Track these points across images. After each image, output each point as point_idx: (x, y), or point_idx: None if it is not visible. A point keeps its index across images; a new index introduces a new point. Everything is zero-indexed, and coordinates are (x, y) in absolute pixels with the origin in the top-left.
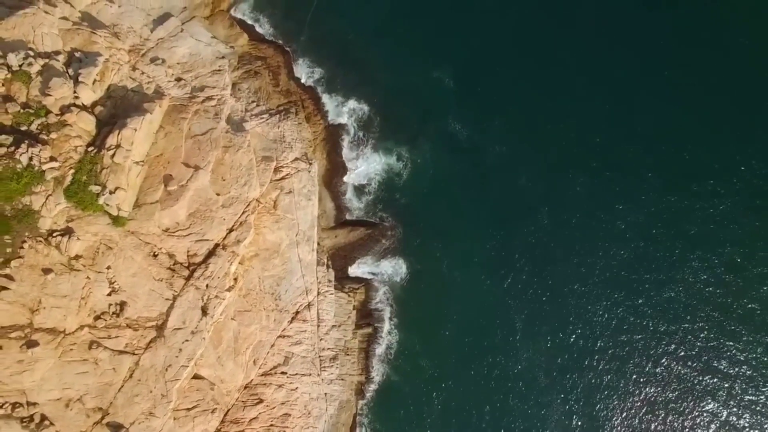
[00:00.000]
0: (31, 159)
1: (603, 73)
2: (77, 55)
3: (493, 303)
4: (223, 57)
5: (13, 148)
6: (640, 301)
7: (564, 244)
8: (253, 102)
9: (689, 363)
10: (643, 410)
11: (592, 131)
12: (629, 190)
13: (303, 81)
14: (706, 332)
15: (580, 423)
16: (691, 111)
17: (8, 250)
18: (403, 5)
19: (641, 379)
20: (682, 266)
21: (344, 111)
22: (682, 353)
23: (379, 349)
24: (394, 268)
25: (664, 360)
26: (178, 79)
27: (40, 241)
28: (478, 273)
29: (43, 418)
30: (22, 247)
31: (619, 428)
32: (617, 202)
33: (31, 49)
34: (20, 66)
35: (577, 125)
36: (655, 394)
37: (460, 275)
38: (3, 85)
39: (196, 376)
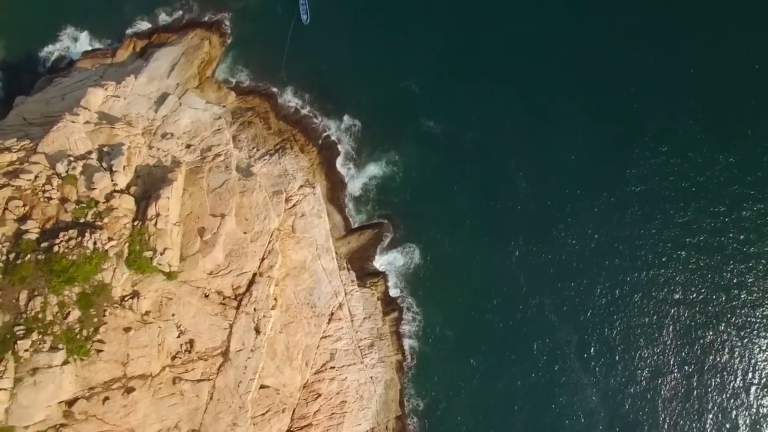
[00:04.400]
0: (95, 243)
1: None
2: (105, 149)
3: (496, 266)
4: (219, 117)
5: (80, 239)
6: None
7: (541, 203)
8: (253, 148)
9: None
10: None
11: (541, 106)
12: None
13: (290, 118)
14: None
15: (593, 349)
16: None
17: (95, 320)
18: (362, 32)
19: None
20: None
21: (331, 134)
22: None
23: (408, 329)
24: (404, 256)
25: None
26: (188, 146)
27: (117, 307)
28: (477, 244)
29: None
30: (104, 315)
31: (625, 362)
32: (584, 158)
33: (70, 155)
34: (67, 171)
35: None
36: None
37: (462, 249)
38: (58, 190)
39: (262, 386)
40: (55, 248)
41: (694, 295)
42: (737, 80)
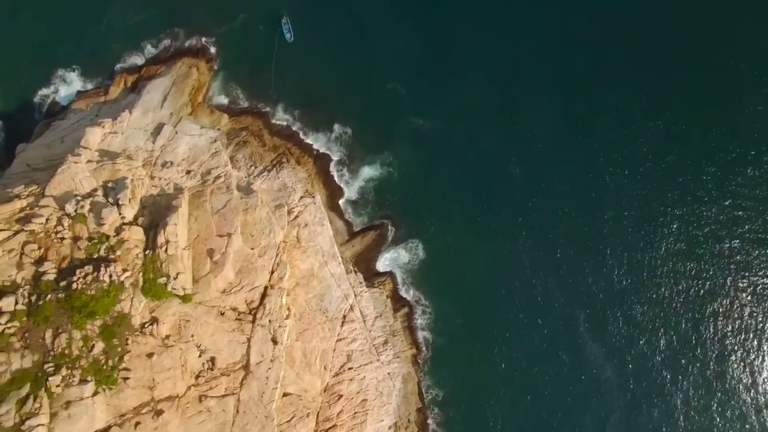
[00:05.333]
0: (110, 276)
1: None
2: (109, 185)
3: (499, 252)
4: (215, 140)
5: (96, 274)
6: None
7: (536, 186)
8: (251, 166)
9: None
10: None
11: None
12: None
13: (284, 133)
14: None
15: (601, 322)
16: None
17: (119, 349)
18: (345, 43)
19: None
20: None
21: (325, 143)
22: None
23: (420, 322)
24: (408, 252)
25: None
26: (188, 172)
27: (138, 334)
28: (478, 232)
29: None
30: (127, 344)
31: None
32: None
33: (77, 194)
34: (75, 211)
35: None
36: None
37: (464, 239)
38: (69, 229)
39: (285, 394)
40: (74, 285)
41: (694, 267)
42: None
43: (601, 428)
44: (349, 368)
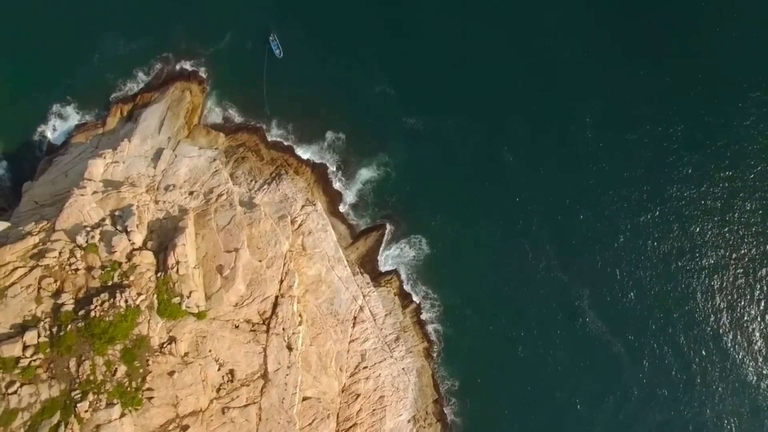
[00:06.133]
0: (126, 301)
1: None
2: (117, 213)
3: (500, 239)
4: (214, 159)
5: (112, 300)
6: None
7: (530, 172)
8: (251, 181)
9: None
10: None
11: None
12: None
13: (280, 145)
14: None
15: (605, 297)
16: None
17: (141, 370)
18: (332, 52)
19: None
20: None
21: (320, 151)
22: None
23: (429, 315)
24: (412, 248)
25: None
26: (191, 193)
27: (158, 355)
28: (479, 222)
29: None
30: (148, 365)
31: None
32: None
33: (86, 225)
34: (86, 241)
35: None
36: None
37: (466, 230)
38: (82, 260)
39: (304, 398)
40: (92, 313)
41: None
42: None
43: (617, 404)
44: (364, 367)
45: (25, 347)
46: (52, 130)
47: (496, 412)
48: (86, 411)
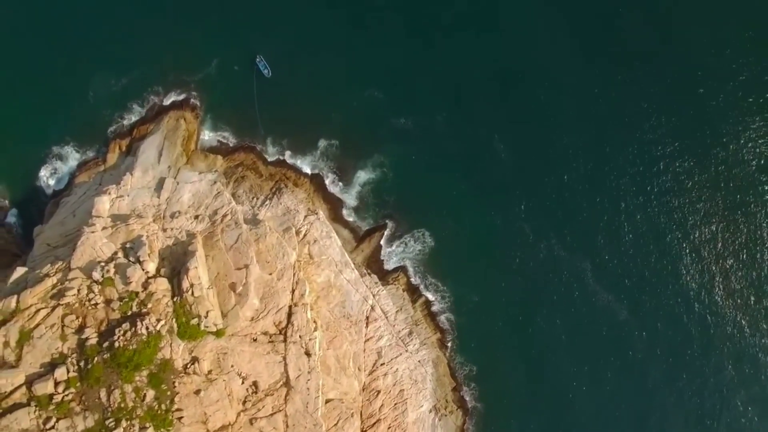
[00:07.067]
0: (147, 328)
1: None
2: (128, 245)
3: (501, 226)
4: (215, 182)
5: (133, 329)
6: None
7: (524, 159)
8: (253, 198)
9: None
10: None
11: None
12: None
13: (277, 160)
14: None
15: (607, 268)
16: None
17: (168, 393)
18: (319, 64)
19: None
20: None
21: (316, 161)
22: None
23: (439, 307)
24: (416, 242)
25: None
26: (196, 217)
27: (183, 375)
28: (478, 211)
29: None
30: (175, 386)
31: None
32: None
33: (100, 261)
34: (102, 276)
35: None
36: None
37: (467, 220)
38: (100, 294)
39: (327, 401)
40: (116, 344)
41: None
42: None
43: (628, 373)
44: (381, 364)
45: (56, 384)
46: (54, 173)
47: (514, 393)
48: None
